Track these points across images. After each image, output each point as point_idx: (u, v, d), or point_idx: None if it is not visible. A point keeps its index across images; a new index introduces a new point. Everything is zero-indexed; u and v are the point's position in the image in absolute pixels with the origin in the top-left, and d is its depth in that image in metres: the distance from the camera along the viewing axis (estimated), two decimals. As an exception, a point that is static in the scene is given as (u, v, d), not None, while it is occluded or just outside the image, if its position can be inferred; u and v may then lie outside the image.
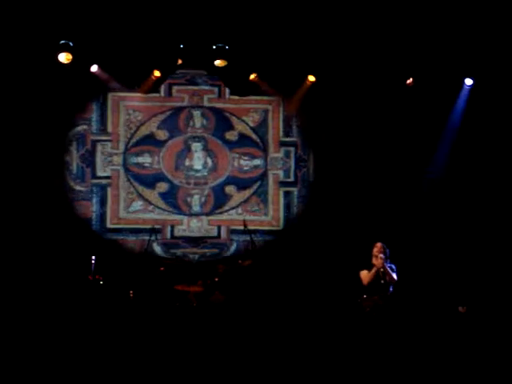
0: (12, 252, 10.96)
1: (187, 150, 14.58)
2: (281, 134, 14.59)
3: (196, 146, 14.57)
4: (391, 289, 9.57)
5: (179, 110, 14.61)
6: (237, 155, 14.62)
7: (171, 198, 14.57)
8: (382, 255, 9.49)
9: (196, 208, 14.59)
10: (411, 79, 11.30)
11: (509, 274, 11.02)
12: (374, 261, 9.56)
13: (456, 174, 11.73)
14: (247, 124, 14.64)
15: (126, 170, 14.40)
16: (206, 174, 14.53)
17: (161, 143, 14.53)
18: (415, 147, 12.00)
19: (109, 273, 11.74)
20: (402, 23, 10.63)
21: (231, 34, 11.01)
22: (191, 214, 14.53)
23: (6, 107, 11.25)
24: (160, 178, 14.58)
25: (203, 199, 14.54)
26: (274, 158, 14.59)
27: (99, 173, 14.34)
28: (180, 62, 12.30)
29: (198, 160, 14.47)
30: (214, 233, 14.35)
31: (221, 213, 14.55)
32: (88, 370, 7.89)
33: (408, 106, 11.84)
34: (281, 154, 14.59)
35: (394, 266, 9.65)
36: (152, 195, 14.48)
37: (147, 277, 11.96)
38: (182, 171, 14.59)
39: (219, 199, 14.61)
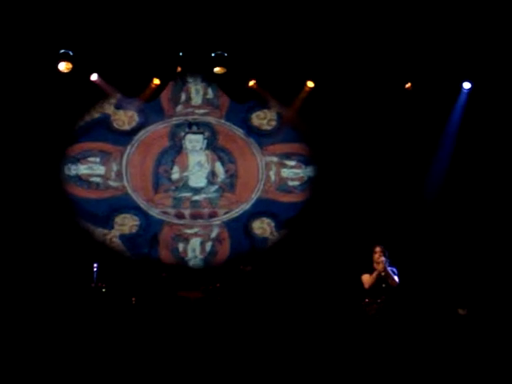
0: (15, 259, 10.91)
1: (177, 150, 9.29)
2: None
3: (194, 142, 9.16)
4: (392, 292, 9.75)
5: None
6: (275, 158, 9.45)
7: (145, 244, 9.13)
8: (382, 259, 9.64)
9: (196, 262, 9.25)
10: (409, 84, 11.42)
11: (509, 275, 11.21)
12: (376, 265, 9.71)
13: (456, 178, 11.87)
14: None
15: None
16: (213, 195, 9.32)
17: (125, 137, 9.04)
18: (415, 151, 12.02)
19: (111, 279, 9.58)
20: (400, 28, 10.89)
21: (230, 41, 11.09)
22: (186, 275, 9.37)
23: (6, 116, 11.31)
24: (123, 204, 9.00)
25: (209, 247, 9.30)
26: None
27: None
28: (179, 69, 10.58)
29: (197, 168, 9.39)
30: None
31: (244, 272, 9.31)
32: (91, 377, 8.31)
33: (407, 111, 11.80)
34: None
35: (395, 269, 9.84)
36: (107, 239, 9.04)
37: (149, 283, 9.31)
38: (166, 192, 9.13)
39: (240, 246, 9.31)
